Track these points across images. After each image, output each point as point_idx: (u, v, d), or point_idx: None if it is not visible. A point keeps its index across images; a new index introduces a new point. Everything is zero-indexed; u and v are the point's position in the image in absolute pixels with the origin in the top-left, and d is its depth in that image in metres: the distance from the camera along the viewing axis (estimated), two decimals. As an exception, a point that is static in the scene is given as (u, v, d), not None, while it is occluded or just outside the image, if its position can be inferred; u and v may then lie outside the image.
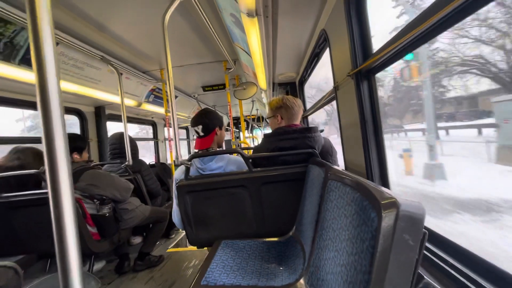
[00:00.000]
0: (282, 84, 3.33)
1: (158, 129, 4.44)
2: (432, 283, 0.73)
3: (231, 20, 1.71)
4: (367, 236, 0.55)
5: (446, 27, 0.74)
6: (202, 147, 1.51)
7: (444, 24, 0.73)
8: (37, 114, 0.43)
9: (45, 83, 0.38)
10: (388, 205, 0.50)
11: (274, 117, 1.59)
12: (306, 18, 1.71)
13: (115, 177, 1.91)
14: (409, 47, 0.88)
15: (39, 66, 0.38)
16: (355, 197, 0.67)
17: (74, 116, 2.82)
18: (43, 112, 0.38)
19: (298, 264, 1.11)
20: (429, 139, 6.16)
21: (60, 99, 0.39)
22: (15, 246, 1.64)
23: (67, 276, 0.38)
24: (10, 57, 1.67)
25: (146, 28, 1.97)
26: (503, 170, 4.72)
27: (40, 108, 0.38)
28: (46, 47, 0.38)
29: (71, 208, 0.39)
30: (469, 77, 7.05)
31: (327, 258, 0.80)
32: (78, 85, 2.25)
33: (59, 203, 0.38)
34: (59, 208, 0.38)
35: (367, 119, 1.17)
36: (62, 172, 0.38)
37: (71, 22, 1.77)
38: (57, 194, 0.38)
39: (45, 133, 0.38)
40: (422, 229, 0.49)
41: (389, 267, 0.48)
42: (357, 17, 1.19)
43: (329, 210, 0.87)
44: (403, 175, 6.75)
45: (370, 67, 1.12)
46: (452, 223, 4.09)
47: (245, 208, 1.42)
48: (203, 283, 1.02)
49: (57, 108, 0.38)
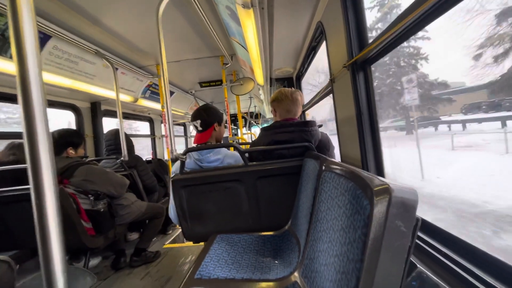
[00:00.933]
0: (279, 79, 3.31)
1: (155, 125, 4.42)
2: (425, 271, 0.72)
3: (227, 13, 1.69)
4: (359, 225, 0.53)
5: (441, 12, 0.73)
6: (199, 142, 1.53)
7: (439, 9, 0.71)
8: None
9: (26, 75, 0.36)
10: (381, 192, 0.49)
11: (272, 111, 1.59)
12: (302, 10, 1.69)
13: (110, 173, 1.89)
14: (405, 35, 0.87)
15: (20, 57, 0.36)
16: (349, 186, 0.66)
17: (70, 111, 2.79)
18: (24, 106, 0.36)
19: (293, 257, 1.10)
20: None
21: (42, 93, 0.37)
22: (8, 241, 1.62)
23: (50, 271, 0.37)
24: (1, 50, 1.65)
25: (141, 22, 1.94)
26: None
27: (21, 101, 0.36)
28: (27, 37, 0.37)
29: (54, 204, 0.38)
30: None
31: (320, 250, 0.79)
32: (72, 80, 2.22)
33: (42, 200, 0.37)
34: (41, 206, 0.37)
35: (363, 111, 1.16)
36: (44, 168, 0.37)
37: (64, 15, 1.74)
38: (40, 190, 0.37)
39: (26, 127, 0.36)
40: (415, 215, 0.48)
41: (381, 254, 0.47)
42: (353, 7, 1.17)
43: (323, 201, 0.86)
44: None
45: (365, 57, 1.11)
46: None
47: (240, 202, 1.41)
48: (197, 276, 1.00)
49: (39, 101, 0.37)
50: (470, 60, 6.50)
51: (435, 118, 9.06)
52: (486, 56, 6.08)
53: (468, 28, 6.86)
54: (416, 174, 5.65)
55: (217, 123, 1.54)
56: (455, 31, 7.79)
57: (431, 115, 9.31)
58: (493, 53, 5.86)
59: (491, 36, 5.86)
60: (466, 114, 7.75)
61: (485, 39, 6.02)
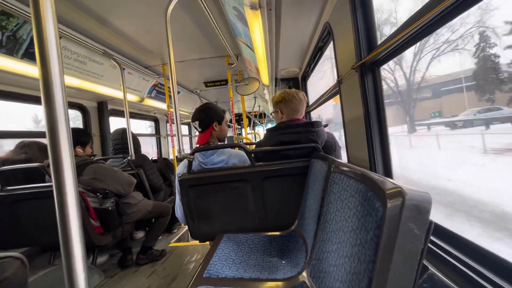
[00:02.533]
0: (284, 79, 3.31)
1: (161, 125, 4.45)
2: (437, 273, 0.72)
3: (233, 13, 1.69)
4: (371, 226, 0.54)
5: (453, 16, 0.72)
6: (200, 142, 1.53)
7: (451, 13, 0.71)
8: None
9: (49, 78, 0.38)
10: (394, 195, 0.49)
11: (276, 112, 1.59)
12: (310, 11, 1.69)
13: (118, 172, 1.91)
14: (415, 38, 0.87)
15: (43, 61, 0.38)
16: (359, 188, 0.66)
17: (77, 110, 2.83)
18: (46, 107, 0.38)
19: (300, 257, 1.11)
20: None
21: (64, 94, 0.39)
22: (20, 238, 1.66)
23: (71, 268, 0.39)
24: (13, 51, 1.68)
25: (148, 23, 1.96)
26: None
27: (44, 102, 0.38)
28: (50, 42, 0.38)
29: (74, 201, 0.39)
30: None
31: (329, 251, 0.79)
32: (80, 80, 2.25)
33: (63, 196, 0.38)
34: (63, 201, 0.38)
35: (371, 112, 1.16)
36: (66, 166, 0.39)
37: (73, 15, 1.77)
38: (61, 187, 0.38)
39: (49, 127, 0.38)
40: (428, 218, 0.48)
41: (394, 256, 0.47)
42: (362, 8, 1.17)
43: (332, 202, 0.86)
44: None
45: (374, 59, 1.11)
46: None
47: (247, 202, 1.42)
48: (205, 275, 1.02)
49: (61, 103, 0.39)
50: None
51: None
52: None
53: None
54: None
55: (217, 122, 1.53)
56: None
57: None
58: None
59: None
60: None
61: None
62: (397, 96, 6.33)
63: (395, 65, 5.91)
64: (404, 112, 6.17)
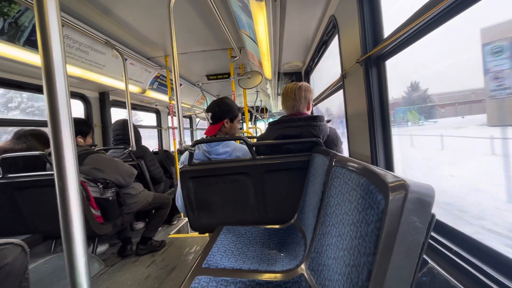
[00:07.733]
0: (287, 73, 3.28)
1: (162, 117, 4.44)
2: (436, 267, 0.72)
3: (238, 5, 1.67)
4: (372, 219, 0.54)
5: (461, 9, 0.71)
6: (208, 134, 1.55)
7: (459, 5, 0.70)
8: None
9: (51, 67, 0.38)
10: (397, 187, 0.49)
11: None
12: (316, 4, 1.66)
13: (118, 162, 1.92)
14: (422, 32, 0.85)
15: (45, 49, 0.38)
16: (361, 182, 0.66)
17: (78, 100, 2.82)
18: (48, 96, 0.38)
19: (299, 250, 1.11)
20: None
21: (66, 83, 0.39)
22: (21, 226, 1.67)
23: (72, 255, 0.39)
24: (15, 38, 1.66)
25: (151, 13, 1.94)
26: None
27: (45, 91, 0.38)
28: (53, 30, 0.38)
29: (76, 190, 0.39)
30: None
31: (329, 244, 0.79)
32: (82, 69, 2.23)
33: (65, 184, 0.39)
34: (64, 189, 0.39)
35: (375, 107, 1.15)
36: (67, 155, 0.39)
37: (75, 4, 1.74)
38: (63, 176, 0.38)
39: (51, 116, 0.38)
40: (430, 211, 0.48)
41: (395, 249, 0.47)
42: (369, 1, 1.15)
43: (332, 196, 0.86)
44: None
45: (380, 53, 1.09)
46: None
47: (247, 195, 1.42)
48: (205, 265, 1.02)
49: (63, 92, 0.39)
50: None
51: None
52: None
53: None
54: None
55: (229, 119, 1.54)
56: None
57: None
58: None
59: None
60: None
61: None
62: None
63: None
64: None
